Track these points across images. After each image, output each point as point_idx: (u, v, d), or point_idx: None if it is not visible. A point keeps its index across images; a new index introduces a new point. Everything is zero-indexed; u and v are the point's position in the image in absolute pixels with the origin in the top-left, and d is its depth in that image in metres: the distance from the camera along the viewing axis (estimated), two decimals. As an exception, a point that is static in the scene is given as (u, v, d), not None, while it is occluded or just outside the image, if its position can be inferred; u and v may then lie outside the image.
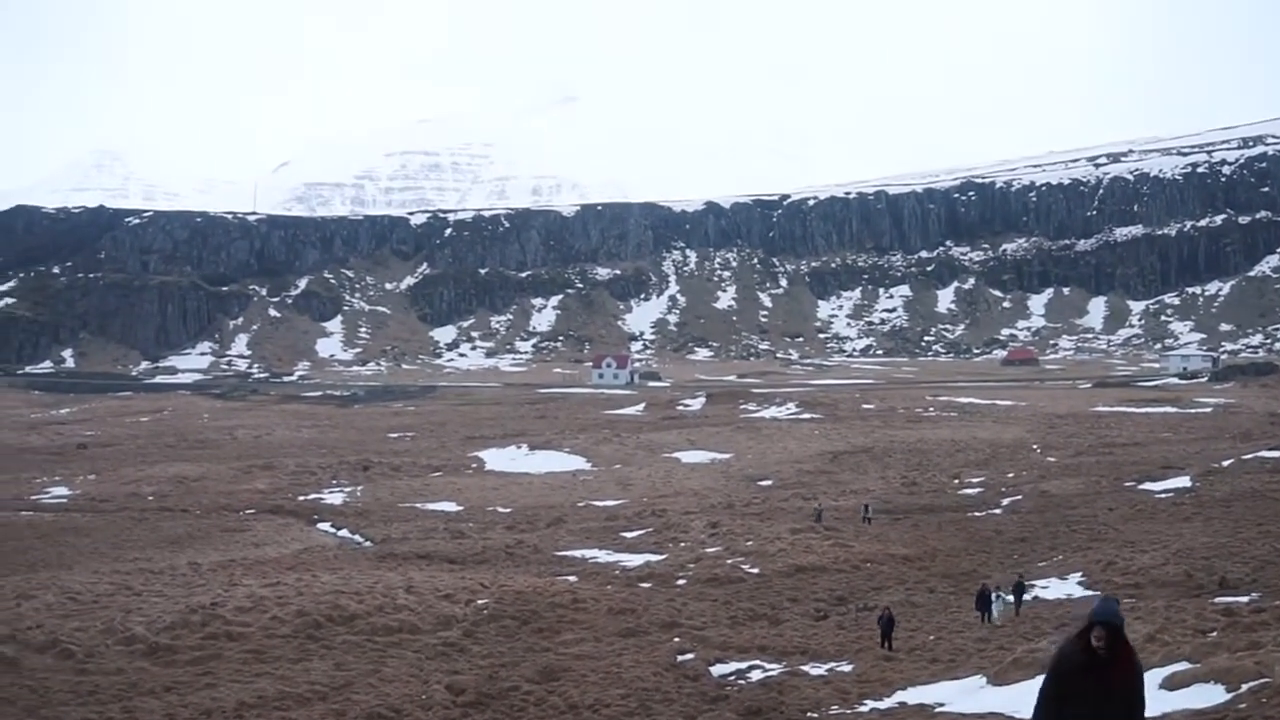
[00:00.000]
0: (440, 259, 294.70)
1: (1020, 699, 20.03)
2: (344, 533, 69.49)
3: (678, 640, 36.23)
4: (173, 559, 56.96)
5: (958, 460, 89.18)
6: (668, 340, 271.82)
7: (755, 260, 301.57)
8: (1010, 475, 78.37)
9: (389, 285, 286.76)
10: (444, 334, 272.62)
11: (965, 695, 24.38)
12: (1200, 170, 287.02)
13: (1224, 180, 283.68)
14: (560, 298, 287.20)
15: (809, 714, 26.13)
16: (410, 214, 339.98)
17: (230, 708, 29.02)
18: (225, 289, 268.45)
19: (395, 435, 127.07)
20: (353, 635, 37.40)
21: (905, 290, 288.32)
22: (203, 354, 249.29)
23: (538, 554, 56.45)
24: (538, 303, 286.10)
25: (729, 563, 50.53)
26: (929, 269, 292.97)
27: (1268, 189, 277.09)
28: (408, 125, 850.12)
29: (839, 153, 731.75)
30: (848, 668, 31.18)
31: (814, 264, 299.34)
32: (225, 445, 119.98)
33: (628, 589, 46.30)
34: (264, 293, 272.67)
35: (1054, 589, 40.91)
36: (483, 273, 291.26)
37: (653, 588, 46.91)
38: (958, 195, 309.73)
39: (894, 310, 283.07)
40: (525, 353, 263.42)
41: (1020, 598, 37.61)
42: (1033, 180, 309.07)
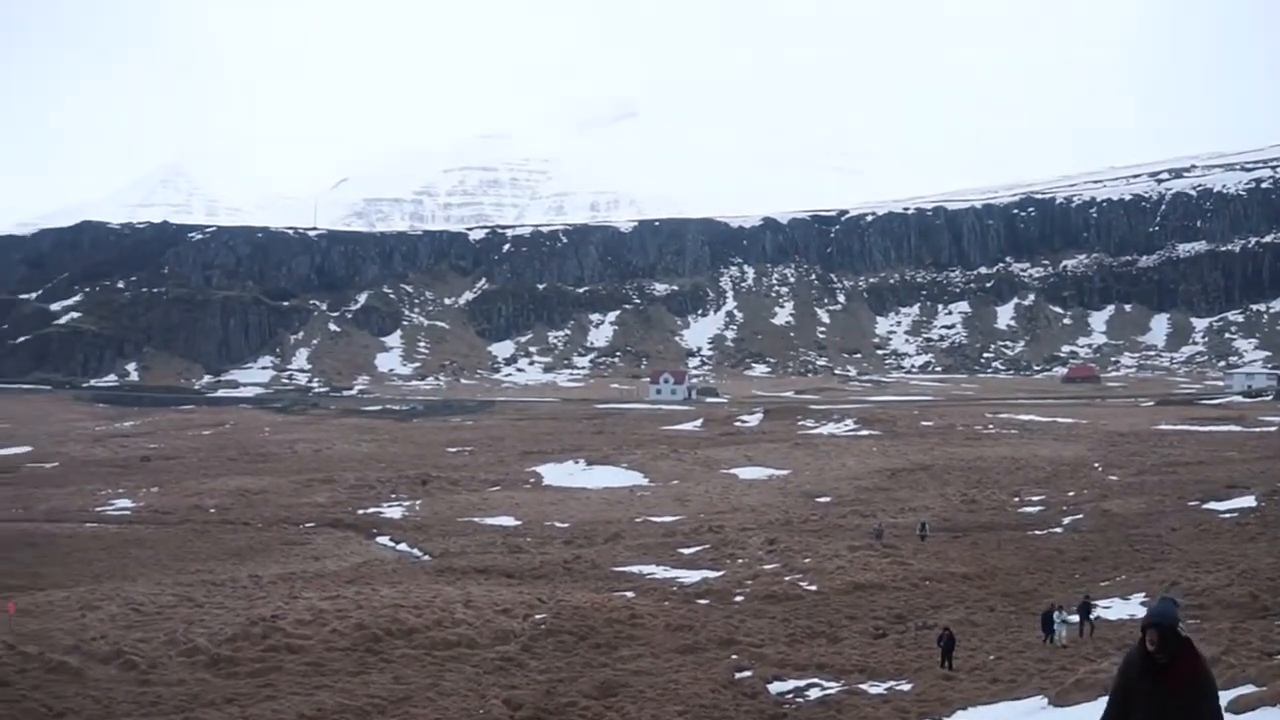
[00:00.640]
0: (499, 274, 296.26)
1: (1082, 721, 19.82)
2: (402, 547, 69.97)
3: (735, 657, 36.09)
4: (234, 571, 57.60)
5: (1018, 478, 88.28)
6: (725, 356, 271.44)
7: (813, 276, 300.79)
8: (1071, 494, 77.53)
9: (448, 300, 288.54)
10: (502, 349, 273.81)
11: (1026, 716, 24.10)
12: (1265, 185, 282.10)
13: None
14: (618, 313, 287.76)
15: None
16: (469, 229, 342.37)
17: (291, 720, 29.25)
18: (286, 303, 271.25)
19: (453, 450, 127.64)
20: (411, 649, 37.57)
21: (964, 306, 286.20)
22: (264, 368, 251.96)
23: (595, 569, 56.48)
24: (595, 318, 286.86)
25: (787, 579, 50.31)
26: (988, 285, 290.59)
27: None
28: (466, 141, 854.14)
29: (897, 168, 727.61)
30: (907, 687, 30.94)
31: (872, 280, 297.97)
32: (286, 459, 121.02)
33: (685, 605, 46.19)
34: (324, 307, 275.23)
35: (1117, 609, 40.32)
36: (541, 288, 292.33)
37: (710, 604, 46.76)
38: (1017, 211, 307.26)
39: (953, 327, 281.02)
40: (583, 368, 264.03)
41: (1086, 618, 37.08)
42: (1093, 196, 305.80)
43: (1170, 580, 43.46)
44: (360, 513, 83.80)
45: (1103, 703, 9.80)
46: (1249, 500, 64.49)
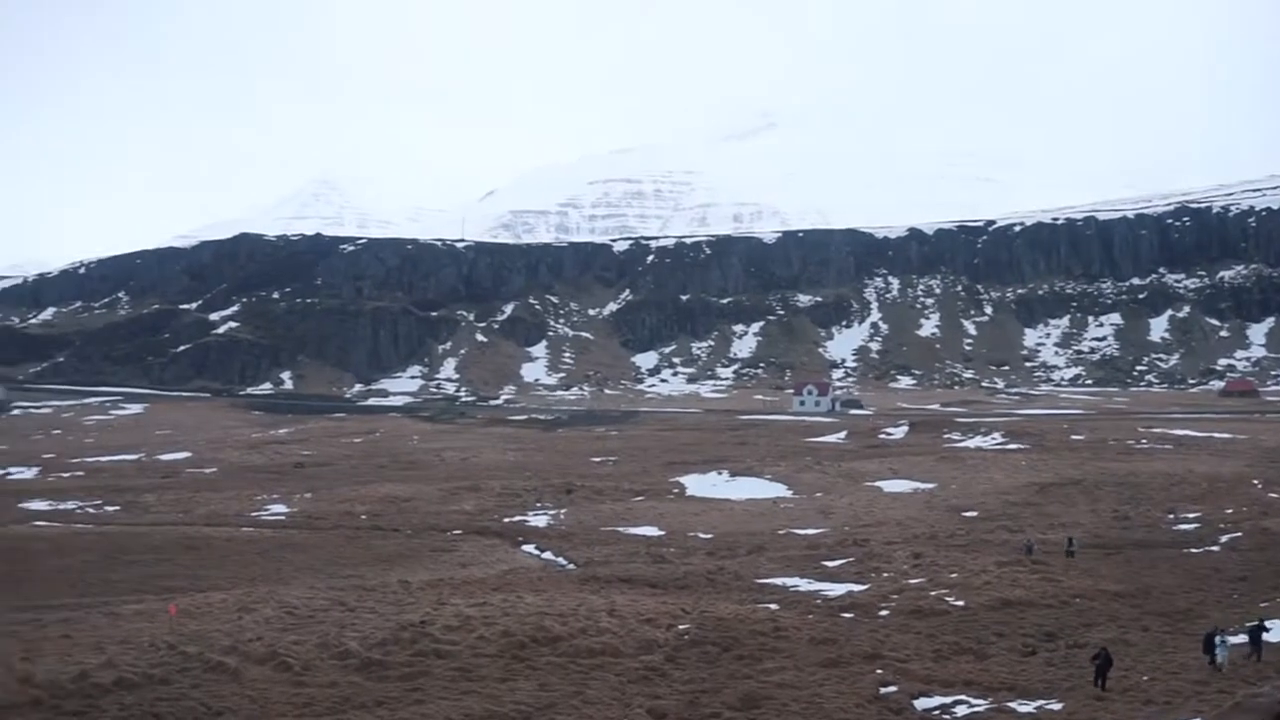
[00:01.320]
0: (642, 285, 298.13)
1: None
2: (548, 555, 70.51)
3: (880, 672, 35.70)
4: (384, 577, 58.66)
5: (1172, 494, 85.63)
6: (869, 368, 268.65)
7: (959, 287, 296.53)
8: (1229, 511, 75.01)
9: (592, 311, 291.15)
10: (646, 360, 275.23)
11: (1184, 740, 23.44)
12: None
13: None
14: (761, 324, 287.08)
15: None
16: (613, 241, 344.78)
17: (439, 724, 29.70)
18: (434, 314, 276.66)
19: (598, 459, 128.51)
20: (556, 656, 37.86)
21: (1116, 318, 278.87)
22: (413, 377, 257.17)
23: (739, 580, 56.26)
24: (739, 329, 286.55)
25: (933, 594, 49.51)
26: (1141, 296, 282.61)
27: None
28: (611, 153, 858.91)
29: (1045, 178, 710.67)
30: (1057, 706, 30.32)
31: (1020, 291, 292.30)
32: (434, 467, 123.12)
33: (829, 618, 45.74)
34: (471, 318, 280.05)
35: (1277, 632, 38.97)
36: (684, 299, 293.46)
37: (855, 618, 46.20)
38: (1171, 220, 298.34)
39: (1104, 339, 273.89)
40: (726, 379, 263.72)
41: (1259, 640, 35.71)
42: (1252, 205, 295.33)
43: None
44: (506, 521, 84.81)
45: None
46: None
